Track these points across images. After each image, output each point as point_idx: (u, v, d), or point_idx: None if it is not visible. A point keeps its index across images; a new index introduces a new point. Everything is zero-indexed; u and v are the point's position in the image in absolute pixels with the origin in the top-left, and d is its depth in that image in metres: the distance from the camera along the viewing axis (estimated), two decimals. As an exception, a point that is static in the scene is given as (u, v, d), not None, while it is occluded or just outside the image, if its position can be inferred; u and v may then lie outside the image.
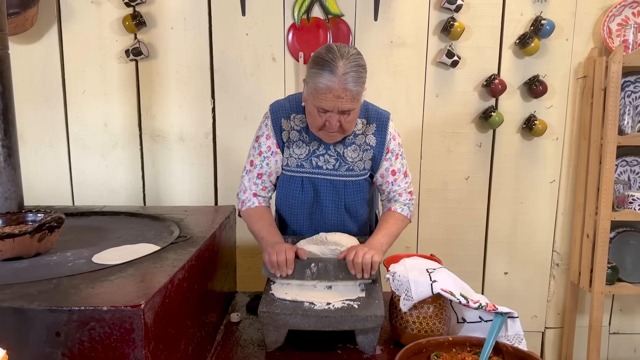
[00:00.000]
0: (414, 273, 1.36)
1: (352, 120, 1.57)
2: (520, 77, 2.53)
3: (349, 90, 1.48)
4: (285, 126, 1.68)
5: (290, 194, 1.73)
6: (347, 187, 1.70)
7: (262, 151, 1.71)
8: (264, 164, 1.71)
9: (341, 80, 1.46)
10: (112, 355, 0.93)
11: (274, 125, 1.69)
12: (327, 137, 1.61)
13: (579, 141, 2.59)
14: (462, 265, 2.64)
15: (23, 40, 2.47)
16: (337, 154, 1.68)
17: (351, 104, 1.51)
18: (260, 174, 1.72)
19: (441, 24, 2.47)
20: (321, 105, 1.50)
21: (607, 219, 2.40)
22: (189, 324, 1.21)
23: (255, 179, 1.72)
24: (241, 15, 2.46)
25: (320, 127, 1.56)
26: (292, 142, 1.69)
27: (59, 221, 1.32)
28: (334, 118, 1.52)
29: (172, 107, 2.55)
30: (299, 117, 1.68)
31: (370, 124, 1.69)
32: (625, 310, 2.78)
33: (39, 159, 2.59)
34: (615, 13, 2.46)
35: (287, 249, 1.46)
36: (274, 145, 1.69)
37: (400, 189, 1.76)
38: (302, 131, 1.68)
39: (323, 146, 1.68)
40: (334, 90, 1.47)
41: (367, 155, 1.70)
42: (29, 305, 0.93)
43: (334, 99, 1.48)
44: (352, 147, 1.68)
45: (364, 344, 1.37)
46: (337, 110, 1.50)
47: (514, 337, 1.30)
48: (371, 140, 1.69)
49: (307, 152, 1.69)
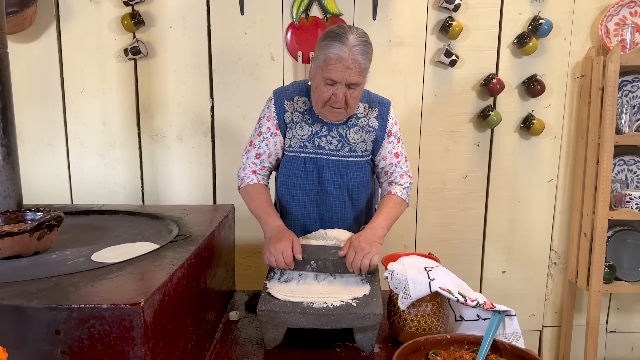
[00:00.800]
0: (412, 271, 1.36)
1: (357, 97, 1.61)
2: (518, 76, 2.54)
3: (358, 62, 1.53)
4: (288, 107, 1.71)
5: (293, 175, 1.72)
6: (349, 167, 1.72)
7: (261, 132, 1.73)
8: (262, 144, 1.73)
9: (351, 51, 1.52)
10: (112, 353, 0.93)
11: (276, 107, 1.72)
12: (331, 114, 1.63)
13: (576, 140, 2.60)
14: (460, 264, 2.65)
15: (22, 39, 2.47)
16: (339, 135, 1.70)
17: (358, 77, 1.55)
18: (259, 154, 1.74)
19: (439, 24, 2.47)
20: (330, 76, 1.54)
21: (605, 218, 2.41)
22: (188, 322, 1.21)
23: (254, 159, 1.74)
24: (240, 15, 2.46)
25: (325, 100, 1.59)
26: (295, 123, 1.71)
27: (58, 220, 1.32)
28: (340, 90, 1.55)
29: (170, 106, 2.56)
30: (302, 100, 1.72)
31: (372, 108, 1.74)
32: (622, 309, 2.79)
33: (38, 157, 2.59)
34: (613, 13, 2.47)
35: (285, 250, 1.47)
36: (273, 126, 1.71)
37: (402, 171, 1.79)
38: (305, 113, 1.71)
39: (326, 127, 1.71)
40: (344, 60, 1.52)
41: (370, 137, 1.72)
42: (29, 303, 0.93)
43: (343, 69, 1.52)
44: (354, 128, 1.71)
45: (363, 342, 1.37)
46: (344, 82, 1.54)
47: (511, 335, 1.31)
48: (373, 122, 1.73)
49: (310, 133, 1.71)
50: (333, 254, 1.47)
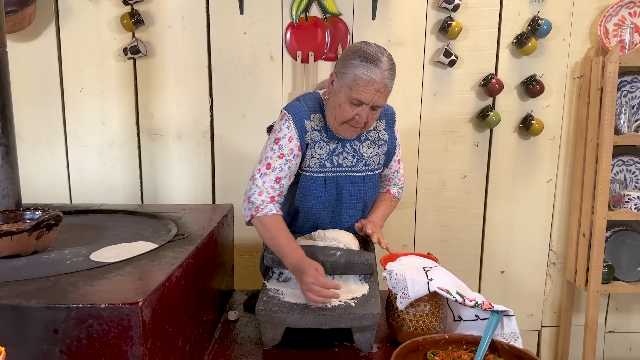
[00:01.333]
0: (410, 271, 1.37)
1: (376, 117, 1.61)
2: (517, 76, 2.54)
3: (387, 86, 1.52)
4: (308, 127, 1.65)
5: (313, 195, 1.69)
6: (365, 181, 1.73)
7: (283, 154, 1.61)
8: (285, 167, 1.60)
9: (384, 75, 1.50)
10: (110, 353, 0.93)
11: (297, 127, 1.63)
12: (349, 131, 1.61)
13: (575, 141, 2.60)
14: (458, 264, 2.65)
15: (21, 38, 2.47)
16: (353, 150, 1.70)
17: (385, 100, 1.56)
18: (279, 178, 1.60)
19: (439, 24, 2.47)
20: (359, 97, 1.51)
21: (603, 218, 2.41)
22: (187, 322, 1.21)
23: (273, 183, 1.59)
24: (239, 14, 2.46)
25: (348, 119, 1.56)
26: (315, 142, 1.65)
27: (57, 219, 1.32)
28: (365, 111, 1.53)
29: (170, 105, 2.56)
30: (317, 117, 1.67)
31: (380, 120, 1.74)
32: (620, 309, 2.79)
33: (37, 157, 2.59)
34: (612, 13, 2.47)
35: (320, 289, 1.30)
36: (296, 147, 1.63)
37: (401, 174, 1.90)
38: (322, 131, 1.67)
39: (340, 144, 1.69)
40: (376, 84, 1.49)
41: (382, 150, 1.74)
42: (27, 302, 0.93)
43: (373, 92, 1.50)
44: (366, 142, 1.71)
45: (361, 341, 1.38)
46: (372, 103, 1.52)
47: (509, 335, 1.31)
48: (384, 135, 1.74)
49: (328, 151, 1.67)
50: (332, 254, 1.47)
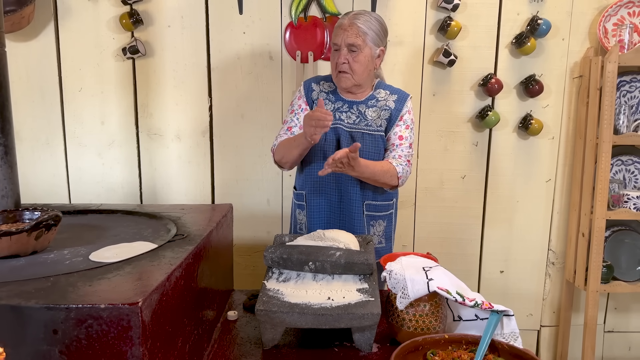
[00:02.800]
0: (410, 271, 1.36)
1: (360, 62, 1.83)
2: (516, 76, 2.54)
3: (355, 25, 1.81)
4: (315, 88, 1.99)
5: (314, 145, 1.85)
6: (364, 138, 1.89)
7: (294, 110, 1.99)
8: (294, 118, 1.96)
9: (350, 18, 1.83)
10: (110, 353, 0.93)
11: (305, 88, 1.99)
12: (341, 78, 1.86)
13: (574, 140, 2.60)
14: (458, 263, 2.66)
15: (20, 38, 2.46)
16: (358, 112, 1.92)
17: (356, 38, 1.80)
18: (290, 127, 1.95)
19: (438, 23, 2.48)
20: (334, 41, 1.85)
21: (603, 218, 2.41)
22: (186, 322, 1.21)
23: (285, 131, 1.95)
24: (238, 14, 2.46)
25: (335, 67, 1.86)
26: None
27: (56, 219, 1.31)
28: (343, 53, 1.82)
29: (169, 105, 2.56)
30: (327, 84, 1.99)
31: (392, 94, 1.95)
32: (620, 309, 2.80)
33: (36, 156, 2.58)
34: (611, 13, 2.47)
35: (310, 118, 1.67)
36: (303, 103, 1.98)
37: (402, 154, 1.91)
38: (329, 93, 1.97)
39: (347, 105, 1.93)
40: (343, 25, 1.82)
41: (385, 115, 1.92)
42: (27, 303, 0.93)
43: (342, 32, 1.82)
44: (373, 108, 1.92)
45: (361, 341, 1.37)
46: (344, 43, 1.81)
47: (509, 335, 1.31)
48: (391, 104, 1.93)
49: (333, 108, 1.94)
50: (331, 255, 1.47)
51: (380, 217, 1.99)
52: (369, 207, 1.96)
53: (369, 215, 1.96)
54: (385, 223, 2.00)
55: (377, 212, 1.97)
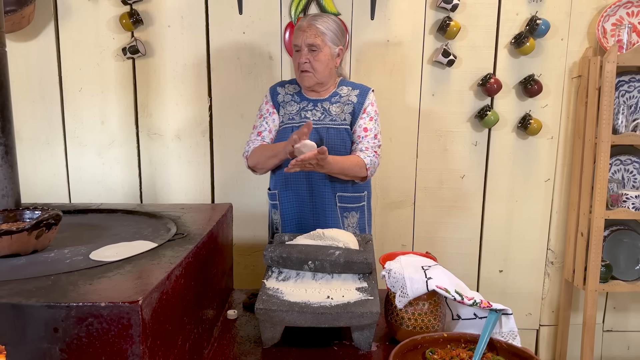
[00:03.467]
0: (409, 270, 1.37)
1: (321, 60, 1.94)
2: (515, 76, 2.55)
3: (313, 25, 1.92)
4: (281, 91, 2.09)
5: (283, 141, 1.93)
6: (329, 132, 1.99)
7: (262, 114, 2.08)
8: (263, 122, 2.06)
9: (309, 20, 1.94)
10: (110, 351, 0.93)
11: (270, 92, 2.10)
12: (303, 77, 1.97)
13: (573, 140, 2.61)
14: (457, 263, 2.66)
15: (20, 38, 2.47)
16: (323, 109, 2.02)
17: (315, 38, 1.92)
18: (260, 132, 2.05)
19: (437, 23, 2.48)
20: (294, 42, 1.96)
21: (601, 218, 2.42)
22: (186, 321, 1.22)
23: (255, 136, 2.04)
24: (238, 14, 2.46)
25: (297, 67, 1.96)
26: (286, 102, 2.06)
27: (57, 218, 1.32)
28: (304, 53, 1.93)
29: (169, 105, 2.56)
30: (292, 86, 2.10)
31: (354, 89, 2.05)
32: (618, 308, 2.80)
33: (36, 156, 2.59)
34: (610, 13, 2.48)
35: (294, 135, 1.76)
36: (270, 107, 2.08)
37: (369, 145, 1.98)
38: (294, 95, 2.07)
39: (312, 103, 2.03)
40: (301, 27, 1.94)
41: (348, 109, 2.01)
42: (27, 301, 0.93)
43: (301, 34, 1.93)
44: (336, 104, 2.02)
45: (360, 340, 1.38)
46: (305, 43, 1.92)
47: (508, 334, 1.31)
48: (353, 99, 2.03)
49: (298, 108, 2.04)
50: (331, 254, 1.48)
51: (353, 208, 2.05)
52: (341, 198, 2.02)
53: (342, 207, 2.03)
54: (359, 215, 2.07)
55: (350, 204, 2.04)
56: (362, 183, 2.04)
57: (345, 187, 2.02)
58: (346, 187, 2.02)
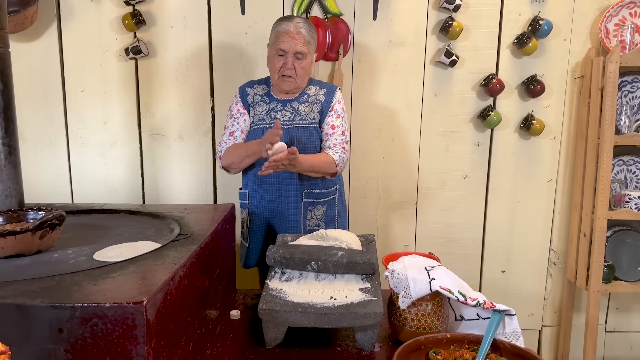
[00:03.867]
0: (412, 271, 1.37)
1: (304, 67, 2.00)
2: (518, 76, 2.54)
3: (302, 34, 1.96)
4: (250, 92, 2.12)
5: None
6: (299, 132, 2.04)
7: (232, 115, 2.11)
8: (234, 122, 2.09)
9: (295, 26, 1.97)
10: (115, 352, 0.94)
11: (240, 93, 2.13)
12: (284, 83, 2.01)
13: (576, 140, 2.60)
14: (459, 263, 2.66)
15: (23, 39, 2.47)
16: (292, 109, 2.07)
17: (304, 47, 1.97)
18: (232, 132, 2.08)
19: (439, 24, 2.48)
20: (280, 47, 1.96)
21: (604, 218, 2.41)
22: (190, 321, 1.22)
23: (228, 137, 2.08)
24: (241, 14, 2.46)
25: (278, 70, 1.98)
26: (256, 103, 2.10)
27: (60, 219, 1.32)
28: (289, 59, 1.96)
29: (171, 105, 2.56)
30: (261, 87, 2.13)
31: (321, 89, 2.11)
32: (621, 309, 2.80)
33: (39, 157, 2.59)
34: (613, 13, 2.47)
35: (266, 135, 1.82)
36: (241, 107, 2.11)
37: (337, 142, 2.05)
38: (263, 95, 2.11)
39: (281, 104, 2.07)
40: (290, 33, 1.96)
41: (316, 108, 2.07)
42: (32, 302, 0.94)
43: (290, 40, 1.95)
44: (305, 104, 2.07)
45: (363, 341, 1.38)
46: (292, 50, 1.95)
47: (511, 335, 1.31)
48: (321, 97, 2.08)
49: (268, 109, 2.08)
50: (334, 254, 1.48)
51: (320, 203, 2.10)
52: (308, 194, 2.07)
53: (307, 202, 2.08)
54: (325, 207, 2.12)
55: (316, 199, 2.09)
56: (332, 179, 2.11)
57: (314, 184, 2.07)
58: (315, 183, 2.07)
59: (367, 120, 2.56)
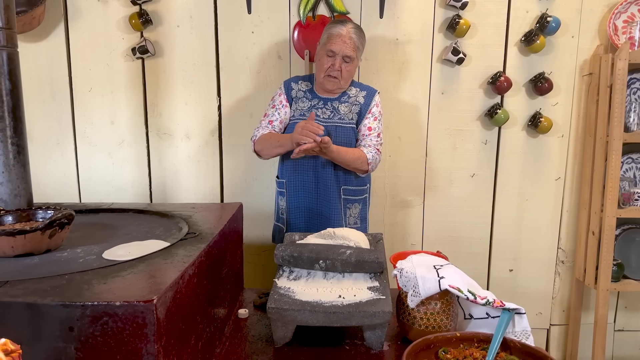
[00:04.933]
0: (421, 269, 1.37)
1: (350, 71, 2.08)
2: (525, 74, 2.53)
3: (353, 40, 2.04)
4: (294, 87, 2.20)
5: None
6: (337, 130, 2.11)
7: (274, 105, 2.19)
8: (275, 112, 2.17)
9: (348, 31, 2.04)
10: (125, 350, 0.94)
11: (285, 86, 2.21)
12: (329, 82, 2.08)
13: (584, 138, 2.59)
14: (467, 262, 2.65)
15: (30, 39, 2.48)
16: (332, 108, 2.13)
17: (353, 52, 2.04)
18: (271, 121, 2.16)
19: (447, 22, 2.47)
20: (331, 48, 2.03)
21: (613, 216, 2.40)
22: (199, 320, 1.22)
23: (266, 124, 2.16)
24: (247, 13, 2.46)
25: (325, 70, 2.06)
26: (299, 98, 2.17)
27: (69, 218, 1.33)
28: (338, 60, 2.04)
29: (178, 105, 2.57)
30: (305, 83, 2.21)
31: (361, 91, 2.18)
32: (630, 308, 2.78)
33: (46, 156, 2.60)
34: (621, 10, 2.46)
35: (304, 126, 1.88)
36: (284, 99, 2.18)
37: (372, 143, 2.11)
38: (306, 92, 2.19)
39: (322, 102, 2.14)
40: (342, 36, 2.03)
41: (355, 109, 2.14)
42: (42, 300, 0.94)
43: (341, 43, 2.03)
44: (345, 104, 2.14)
45: (372, 339, 1.38)
46: (342, 53, 2.03)
47: (521, 333, 1.30)
48: (360, 100, 2.15)
49: (309, 105, 2.15)
50: (342, 253, 1.47)
51: (356, 200, 2.19)
52: (345, 191, 2.15)
53: (346, 199, 2.16)
54: (361, 206, 2.20)
55: (353, 196, 2.17)
56: (364, 177, 2.18)
57: (349, 180, 2.15)
58: (350, 179, 2.15)
59: (374, 119, 2.56)
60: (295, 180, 2.15)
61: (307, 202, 2.15)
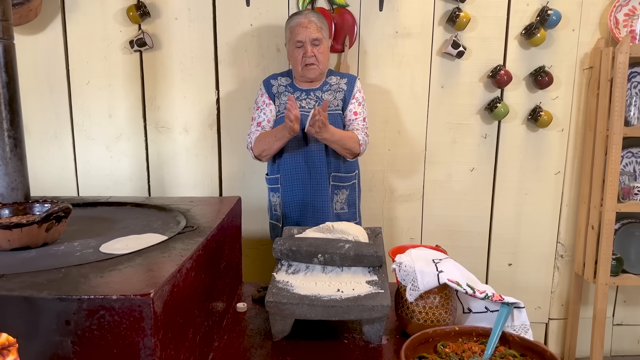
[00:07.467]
0: (420, 263, 1.36)
1: (323, 52, 2.11)
2: (525, 68, 2.52)
3: (313, 22, 2.09)
4: (274, 83, 2.23)
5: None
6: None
7: (259, 106, 2.22)
8: (261, 114, 2.20)
9: (305, 16, 2.10)
10: (122, 344, 0.93)
11: (264, 85, 2.23)
12: (308, 71, 2.12)
13: (584, 132, 2.58)
14: (466, 256, 2.65)
15: (27, 31, 2.46)
16: (316, 97, 2.18)
17: (318, 33, 2.09)
18: (259, 122, 2.19)
19: (447, 15, 2.45)
20: (297, 39, 2.08)
21: (612, 211, 2.39)
22: (197, 313, 1.21)
23: (256, 127, 2.19)
24: (245, 6, 2.45)
25: (300, 61, 2.10)
26: (280, 93, 2.21)
27: (66, 211, 1.32)
28: (308, 47, 2.08)
29: (176, 98, 2.55)
30: (284, 78, 2.24)
31: (342, 79, 2.23)
32: (629, 302, 2.78)
33: (44, 150, 2.59)
34: (622, 3, 2.44)
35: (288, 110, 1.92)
36: (266, 98, 2.21)
37: (359, 127, 2.16)
38: (287, 86, 2.22)
39: (305, 93, 2.19)
40: (302, 24, 2.08)
41: (339, 96, 2.19)
42: (39, 294, 0.93)
43: (304, 30, 2.08)
44: (328, 92, 2.19)
45: (370, 333, 1.37)
46: (308, 38, 2.07)
47: (520, 327, 1.30)
48: (343, 86, 2.21)
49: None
50: (340, 247, 1.47)
51: (344, 187, 2.23)
52: (334, 178, 2.20)
53: (334, 185, 2.21)
54: (348, 192, 2.25)
55: (341, 183, 2.22)
56: (352, 163, 2.24)
57: (338, 166, 2.20)
58: (339, 166, 2.20)
59: (373, 113, 2.54)
60: (289, 172, 2.18)
61: (301, 193, 2.18)
